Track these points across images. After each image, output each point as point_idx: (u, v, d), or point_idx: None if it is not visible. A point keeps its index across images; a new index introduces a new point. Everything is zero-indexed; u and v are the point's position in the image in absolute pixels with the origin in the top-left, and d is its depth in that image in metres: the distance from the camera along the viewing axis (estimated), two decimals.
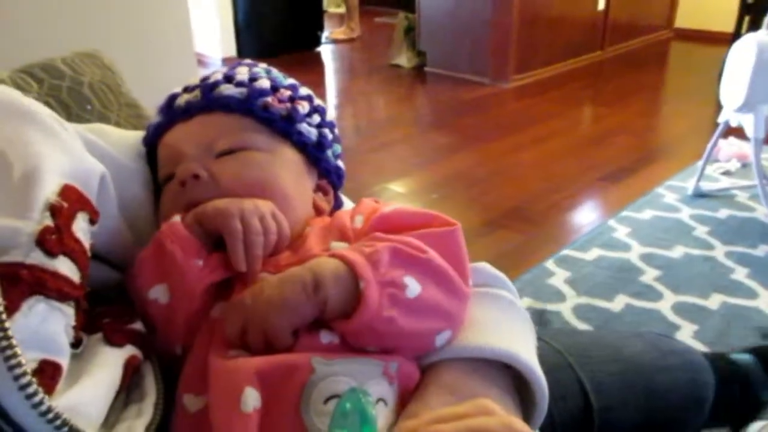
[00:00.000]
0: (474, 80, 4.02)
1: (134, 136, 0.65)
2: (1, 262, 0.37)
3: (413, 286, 0.47)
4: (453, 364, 0.51)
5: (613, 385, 0.70)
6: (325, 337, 0.47)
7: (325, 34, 5.21)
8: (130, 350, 0.46)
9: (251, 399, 0.42)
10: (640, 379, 0.71)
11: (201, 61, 4.25)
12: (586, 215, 2.32)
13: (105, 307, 0.50)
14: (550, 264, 1.93)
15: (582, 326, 1.64)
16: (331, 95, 3.99)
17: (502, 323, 0.55)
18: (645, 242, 2.05)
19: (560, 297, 1.76)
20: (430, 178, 2.69)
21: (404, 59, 4.43)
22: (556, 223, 2.27)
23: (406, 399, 0.48)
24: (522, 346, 0.53)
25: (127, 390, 0.46)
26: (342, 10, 5.80)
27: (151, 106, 1.00)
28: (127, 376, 0.45)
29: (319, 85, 4.14)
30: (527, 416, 0.53)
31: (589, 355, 0.71)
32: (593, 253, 1.99)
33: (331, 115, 0.69)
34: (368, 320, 0.45)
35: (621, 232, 2.12)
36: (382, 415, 0.45)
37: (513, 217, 2.27)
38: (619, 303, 1.73)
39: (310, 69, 4.50)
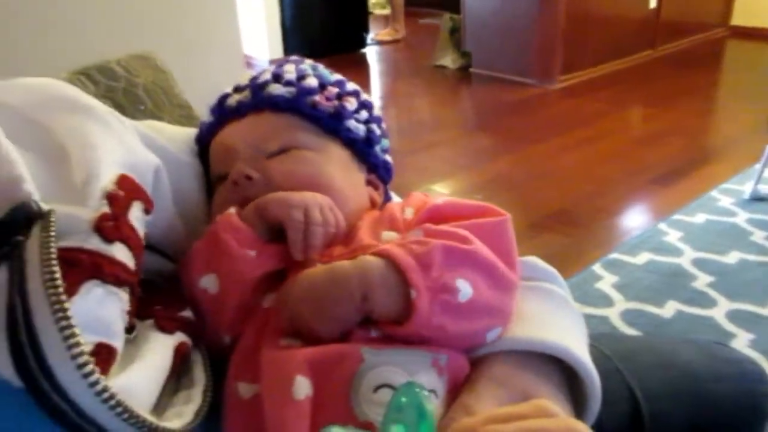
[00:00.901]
0: (519, 81, 3.97)
1: (187, 132, 0.67)
2: (62, 247, 0.38)
3: (465, 290, 0.47)
4: (503, 356, 0.50)
5: (664, 392, 0.67)
6: (375, 331, 0.47)
7: (369, 36, 5.24)
8: (179, 337, 0.47)
9: (303, 387, 0.43)
10: (692, 387, 0.69)
11: (248, 63, 4.32)
12: (635, 218, 2.27)
13: (157, 295, 0.51)
14: (597, 268, 1.89)
15: (630, 332, 1.60)
16: (375, 97, 4.00)
17: (553, 317, 0.54)
18: (698, 247, 1.98)
19: (608, 302, 1.72)
20: (473, 180, 2.67)
21: (449, 60, 4.41)
22: (603, 226, 2.22)
23: (455, 392, 0.47)
24: (574, 341, 0.52)
25: (177, 376, 0.47)
26: (387, 11, 5.81)
27: (201, 107, 1.02)
28: (177, 362, 0.46)
29: (363, 87, 4.10)
30: (577, 415, 0.52)
31: (638, 361, 0.69)
32: (643, 258, 1.94)
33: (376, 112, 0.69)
34: (417, 328, 0.45)
35: (672, 237, 2.06)
36: (432, 406, 0.44)
37: (558, 220, 2.23)
38: (669, 309, 1.68)
39: (355, 70, 4.52)
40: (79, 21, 1.74)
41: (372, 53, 5.11)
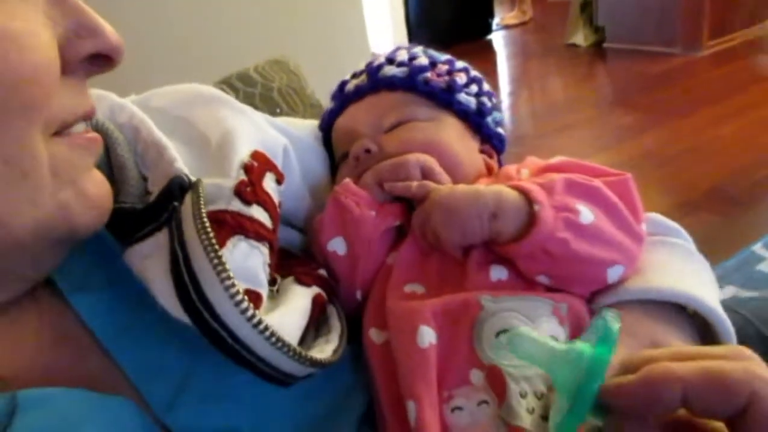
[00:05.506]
0: (661, 51, 3.68)
1: (311, 122, 0.74)
2: (210, 210, 0.44)
3: (587, 214, 0.49)
4: (630, 306, 0.50)
5: None
6: (495, 274, 0.50)
7: (495, 21, 5.12)
8: (316, 290, 0.52)
9: (427, 335, 0.46)
10: None
11: None
12: None
13: (294, 259, 0.57)
14: (759, 248, 1.71)
15: None
16: (504, 82, 3.91)
17: (680, 267, 0.54)
18: None
19: None
20: (614, 160, 2.52)
21: (581, 37, 4.20)
22: (765, 202, 2.01)
23: None
24: (703, 290, 0.51)
25: (316, 327, 0.52)
26: None
27: None
28: (316, 310, 0.50)
29: (491, 73, 4.07)
30: None
31: None
32: None
33: (505, 102, 0.71)
34: (542, 241, 0.47)
35: None
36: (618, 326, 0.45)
37: (713, 198, 2.05)
38: None
39: (483, 58, 4.45)
40: (215, 28, 1.89)
41: (498, 39, 5.00)
